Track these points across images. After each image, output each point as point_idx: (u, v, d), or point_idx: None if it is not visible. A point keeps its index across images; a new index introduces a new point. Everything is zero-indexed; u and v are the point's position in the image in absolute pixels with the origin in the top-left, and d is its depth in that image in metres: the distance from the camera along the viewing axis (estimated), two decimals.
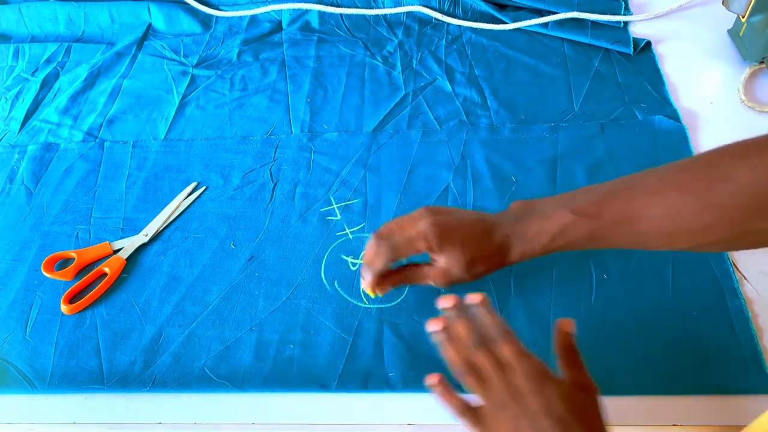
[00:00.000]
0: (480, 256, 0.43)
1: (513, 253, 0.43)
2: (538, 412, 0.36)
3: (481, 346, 0.40)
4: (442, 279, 0.45)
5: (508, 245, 0.43)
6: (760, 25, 0.61)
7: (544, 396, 0.36)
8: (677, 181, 0.39)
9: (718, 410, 0.43)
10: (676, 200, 0.38)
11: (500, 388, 0.38)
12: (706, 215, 0.37)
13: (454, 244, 0.43)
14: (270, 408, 0.46)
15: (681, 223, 0.38)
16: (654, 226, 0.39)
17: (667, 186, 0.39)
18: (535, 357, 0.39)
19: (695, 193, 0.37)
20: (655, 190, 0.39)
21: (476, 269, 0.44)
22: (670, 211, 0.38)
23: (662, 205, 0.38)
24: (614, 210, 0.40)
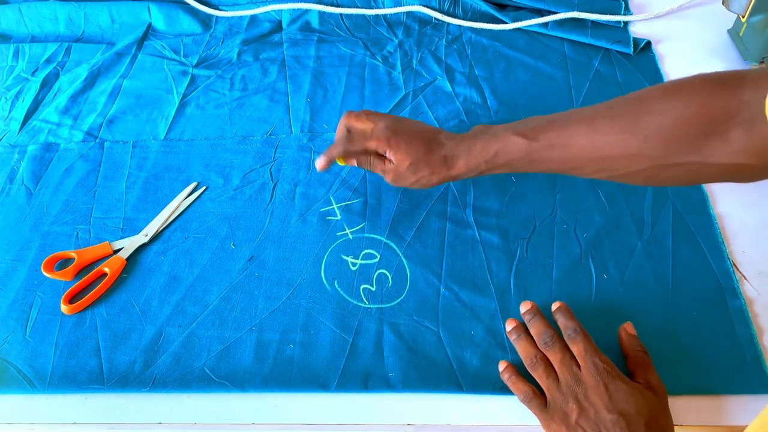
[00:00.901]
0: (423, 161, 0.48)
1: (458, 164, 0.48)
2: (601, 406, 0.39)
3: (554, 343, 0.44)
4: (390, 174, 0.50)
5: (455, 156, 0.48)
6: (760, 25, 0.61)
7: (608, 392, 0.39)
8: (608, 111, 0.42)
9: (718, 410, 0.43)
10: (603, 128, 0.41)
11: (566, 381, 0.41)
12: (631, 143, 0.40)
13: (399, 145, 0.48)
14: (270, 408, 0.46)
15: (607, 149, 0.41)
16: (583, 152, 0.42)
17: (598, 115, 0.42)
18: (605, 356, 0.42)
19: (623, 122, 0.40)
20: (588, 119, 0.43)
21: (421, 172, 0.48)
22: (598, 138, 0.41)
23: (592, 131, 0.42)
24: (550, 134, 0.44)
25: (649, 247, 0.51)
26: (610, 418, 0.38)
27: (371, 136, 0.49)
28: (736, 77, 0.37)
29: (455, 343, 0.47)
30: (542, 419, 0.42)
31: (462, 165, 0.47)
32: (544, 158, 0.44)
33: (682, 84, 0.39)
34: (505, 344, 0.47)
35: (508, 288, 0.50)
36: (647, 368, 0.43)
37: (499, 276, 0.51)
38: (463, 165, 0.47)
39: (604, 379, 0.40)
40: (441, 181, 0.49)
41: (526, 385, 0.43)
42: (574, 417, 0.39)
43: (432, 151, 0.48)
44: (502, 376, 0.45)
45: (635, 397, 0.39)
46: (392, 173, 0.50)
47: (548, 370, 0.43)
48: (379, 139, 0.48)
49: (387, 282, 0.52)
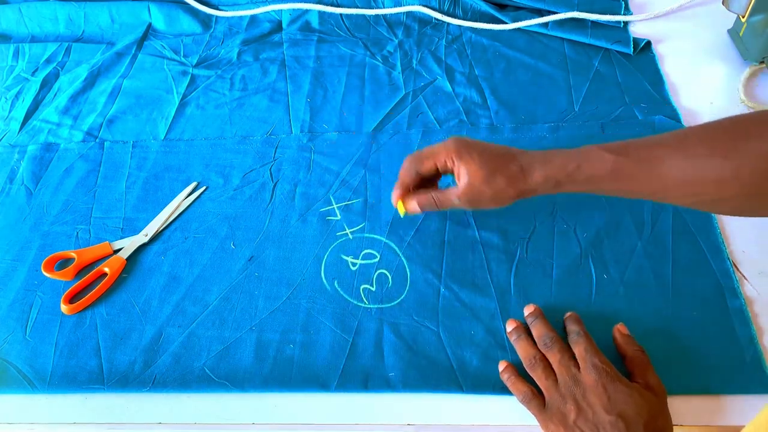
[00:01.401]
0: (499, 171, 0.45)
1: (536, 175, 0.44)
2: (600, 407, 0.39)
3: (553, 344, 0.44)
4: (465, 195, 0.46)
5: (532, 167, 0.45)
6: (760, 25, 0.61)
7: (607, 393, 0.39)
8: (702, 135, 0.40)
9: (718, 410, 0.43)
10: (698, 149, 0.39)
11: (565, 382, 0.41)
12: (725, 167, 0.38)
13: (472, 156, 0.45)
14: (270, 408, 0.46)
15: (700, 171, 0.39)
16: (674, 172, 0.40)
17: (691, 137, 0.40)
18: (604, 357, 0.42)
19: (717, 145, 0.38)
20: (680, 140, 0.41)
21: (497, 185, 0.45)
22: (691, 159, 0.39)
23: (684, 152, 0.40)
24: (639, 151, 0.42)
25: (649, 247, 0.51)
26: (609, 420, 0.38)
27: (439, 151, 0.46)
28: None
29: (455, 343, 0.47)
30: (541, 420, 0.42)
31: (539, 176, 0.44)
32: (631, 176, 0.42)
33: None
34: (505, 344, 0.47)
35: (508, 288, 0.50)
36: (646, 368, 0.43)
37: (499, 276, 0.51)
38: (541, 176, 0.44)
39: (603, 380, 0.40)
40: (518, 196, 0.46)
41: (525, 386, 0.43)
42: (572, 418, 0.39)
43: (507, 161, 0.45)
44: (502, 376, 0.45)
45: (634, 398, 0.39)
46: (466, 191, 0.46)
47: (547, 371, 0.43)
48: (449, 151, 0.46)
49: (387, 282, 0.52)
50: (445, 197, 0.48)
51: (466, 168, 0.45)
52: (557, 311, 0.48)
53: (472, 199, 0.46)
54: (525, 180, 0.45)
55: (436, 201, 0.48)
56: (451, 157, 0.46)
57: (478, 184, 0.45)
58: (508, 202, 0.46)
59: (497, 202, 0.46)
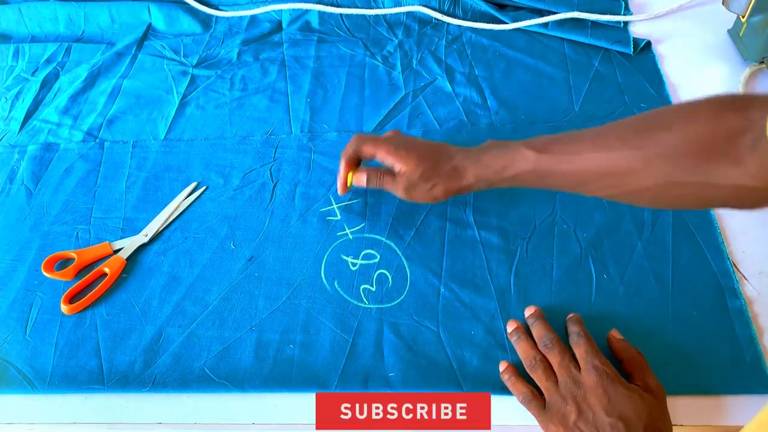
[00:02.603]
0: (433, 170, 0.48)
1: (468, 175, 0.47)
2: (600, 408, 0.39)
3: (554, 345, 0.44)
4: (401, 185, 0.50)
5: (465, 167, 0.47)
6: (760, 25, 0.61)
7: (607, 394, 0.39)
8: (616, 129, 0.42)
9: (718, 410, 0.43)
10: (614, 143, 0.41)
11: (565, 383, 0.41)
12: (637, 159, 0.39)
13: (409, 153, 0.48)
14: (270, 408, 0.46)
15: (613, 164, 0.40)
16: (589, 166, 0.42)
17: (610, 131, 0.42)
18: (605, 359, 0.42)
19: (630, 138, 0.40)
20: (596, 134, 0.42)
21: (432, 181, 0.48)
22: (608, 153, 0.41)
23: (599, 145, 0.41)
24: (560, 147, 0.44)
25: (649, 247, 0.51)
26: (609, 422, 0.38)
27: (380, 146, 0.50)
28: (746, 98, 0.36)
29: (455, 343, 0.47)
30: (541, 421, 0.42)
31: (471, 176, 0.47)
32: (552, 171, 0.44)
33: (692, 105, 0.39)
34: (505, 344, 0.47)
35: (508, 288, 0.50)
36: (644, 370, 0.43)
37: (499, 276, 0.51)
38: (473, 176, 0.47)
39: (604, 382, 0.40)
40: (451, 193, 0.49)
41: (525, 387, 0.43)
42: (572, 419, 0.39)
43: (442, 161, 0.48)
44: (502, 377, 0.45)
45: (634, 400, 0.39)
46: (403, 184, 0.49)
47: (547, 372, 0.43)
48: (389, 148, 0.49)
49: (387, 282, 0.52)
50: (386, 179, 0.51)
51: (404, 164, 0.48)
52: (557, 311, 0.48)
53: (409, 190, 0.50)
54: (458, 180, 0.48)
55: (381, 179, 0.51)
56: (390, 153, 0.49)
57: (414, 180, 0.48)
58: (441, 198, 0.49)
59: (432, 198, 0.49)
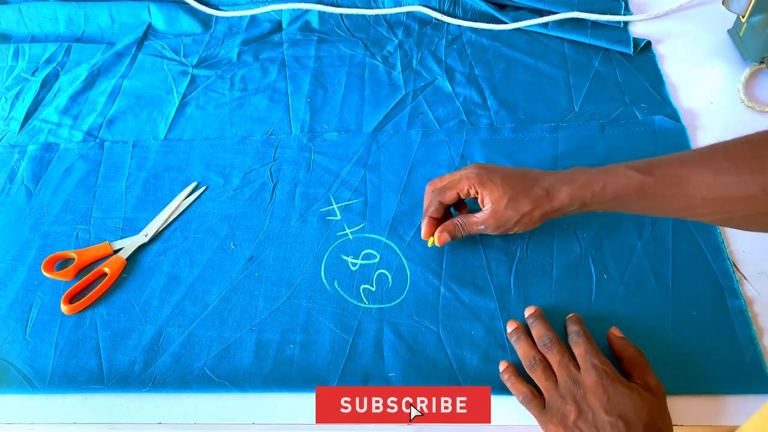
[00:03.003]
0: (523, 194, 0.45)
1: (562, 196, 0.44)
2: (600, 408, 0.39)
3: (553, 345, 0.44)
4: (492, 220, 0.46)
5: (557, 188, 0.44)
6: (760, 25, 0.61)
7: (607, 394, 0.39)
8: (727, 151, 0.39)
9: (718, 410, 0.43)
10: (725, 165, 0.39)
11: (565, 383, 0.41)
12: (753, 183, 0.37)
13: (494, 181, 0.45)
14: (270, 408, 0.46)
15: (727, 188, 0.38)
16: (701, 190, 0.39)
17: (718, 153, 0.40)
18: (605, 358, 0.42)
19: (744, 161, 0.38)
20: (706, 157, 0.40)
21: (522, 208, 0.45)
22: (719, 176, 0.39)
23: (712, 169, 0.39)
24: (665, 170, 0.41)
25: (649, 247, 0.51)
26: (609, 421, 0.38)
27: (460, 180, 0.47)
28: None
29: (455, 343, 0.47)
30: (540, 421, 0.42)
31: (565, 197, 0.44)
32: (658, 195, 0.41)
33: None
34: (505, 344, 0.47)
35: (508, 288, 0.50)
36: (644, 369, 0.43)
37: (499, 276, 0.51)
38: (567, 197, 0.44)
39: (603, 381, 0.40)
40: (544, 217, 0.46)
41: (525, 386, 0.43)
42: (572, 418, 0.39)
43: (530, 184, 0.45)
44: (502, 377, 0.45)
45: (634, 399, 0.39)
46: (492, 218, 0.46)
47: (547, 372, 0.43)
48: (470, 179, 0.46)
49: (387, 282, 0.52)
50: (470, 223, 0.48)
51: (489, 195, 0.46)
52: (557, 311, 0.48)
53: (499, 224, 0.46)
54: (550, 202, 0.45)
55: (463, 227, 0.49)
56: (473, 185, 0.46)
57: (502, 210, 0.45)
58: (534, 225, 0.46)
59: (523, 226, 0.46)
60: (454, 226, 0.49)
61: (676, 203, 0.41)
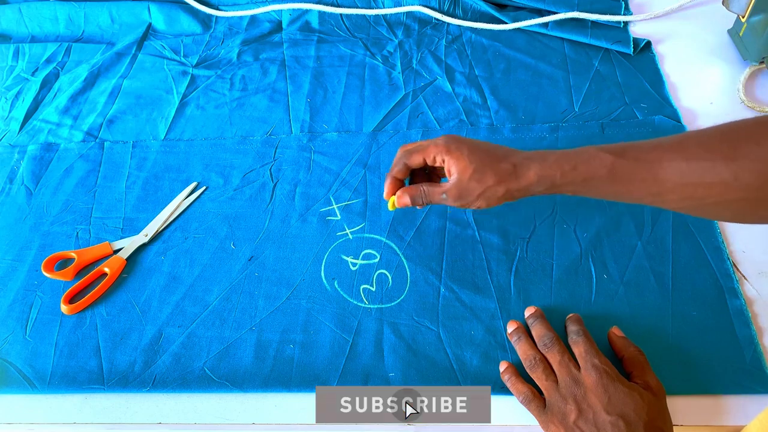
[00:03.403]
0: (489, 167, 0.43)
1: (530, 174, 0.43)
2: (600, 407, 0.39)
3: (553, 345, 0.44)
4: (454, 189, 0.44)
5: (525, 166, 0.43)
6: (760, 25, 0.61)
7: (607, 393, 0.39)
8: (702, 138, 0.39)
9: (718, 410, 0.43)
10: (698, 152, 0.38)
11: (565, 382, 0.41)
12: (727, 170, 0.37)
13: (461, 151, 0.44)
14: (270, 408, 0.46)
15: (701, 175, 0.38)
16: (673, 174, 0.39)
17: (691, 140, 0.39)
18: (605, 358, 0.42)
19: (718, 148, 0.37)
20: (679, 142, 0.40)
21: (486, 182, 0.43)
22: (691, 162, 0.38)
23: (684, 154, 0.39)
24: (638, 152, 0.40)
25: (649, 247, 0.51)
26: (609, 420, 0.38)
27: (429, 146, 0.46)
28: None
29: (455, 343, 0.47)
30: (541, 421, 0.42)
31: (533, 175, 0.42)
32: (629, 178, 0.41)
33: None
34: (505, 344, 0.47)
35: (508, 288, 0.50)
36: (644, 369, 0.43)
37: (499, 276, 0.51)
38: (534, 175, 0.42)
39: (603, 381, 0.40)
40: (508, 196, 0.44)
41: (525, 387, 0.43)
42: (572, 418, 0.39)
43: (498, 158, 0.43)
44: (502, 377, 0.45)
45: (634, 398, 0.39)
46: (455, 188, 0.44)
47: (547, 372, 0.43)
48: (438, 146, 0.45)
49: (387, 282, 0.52)
50: (433, 191, 0.46)
51: (455, 163, 0.44)
52: (557, 311, 0.48)
53: (460, 194, 0.45)
54: (517, 179, 0.43)
55: (425, 194, 0.47)
56: (440, 151, 0.45)
57: (466, 180, 0.44)
58: (497, 201, 0.44)
59: (486, 201, 0.44)
60: (416, 190, 0.47)
61: (646, 188, 0.41)
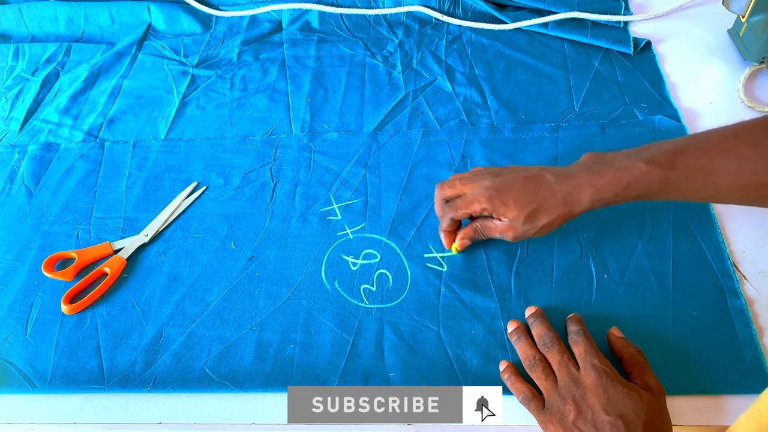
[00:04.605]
0: (538, 210, 0.44)
1: (582, 202, 0.44)
2: (599, 407, 0.39)
3: (553, 345, 0.44)
4: (509, 233, 0.47)
5: (576, 195, 0.44)
6: (760, 25, 0.61)
7: (606, 393, 0.39)
8: (751, 137, 0.39)
9: (718, 410, 0.43)
10: (748, 152, 0.38)
11: (564, 382, 0.41)
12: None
13: (507, 204, 0.45)
14: (270, 408, 0.46)
15: (753, 176, 0.39)
16: (727, 179, 0.39)
17: (741, 140, 0.40)
18: (604, 358, 0.42)
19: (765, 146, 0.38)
20: (730, 144, 0.40)
21: (539, 221, 0.45)
22: (743, 164, 0.39)
23: (736, 158, 0.39)
24: (689, 162, 0.41)
25: (649, 247, 0.51)
26: (608, 420, 0.38)
27: (472, 200, 0.46)
28: None
29: (455, 343, 0.47)
30: (540, 421, 0.42)
31: (586, 202, 0.44)
32: (683, 187, 0.41)
33: None
34: (505, 344, 0.47)
35: (508, 288, 0.50)
36: (644, 369, 0.43)
37: (499, 276, 0.51)
38: (588, 201, 0.44)
39: (603, 381, 0.40)
40: (565, 221, 0.46)
41: (524, 386, 0.43)
42: (571, 418, 0.39)
43: (546, 197, 0.44)
44: (502, 377, 0.45)
45: (633, 398, 0.39)
46: (510, 231, 0.46)
47: (546, 372, 0.43)
48: (481, 201, 0.46)
49: (387, 282, 0.52)
50: (489, 228, 0.48)
51: (503, 214, 0.45)
52: (557, 311, 0.48)
53: (516, 236, 0.47)
54: (570, 210, 0.44)
55: (483, 232, 0.49)
56: (485, 206, 0.46)
57: (520, 225, 0.45)
58: (555, 228, 0.46)
59: (543, 232, 0.46)
60: (473, 231, 0.49)
61: (701, 193, 0.42)
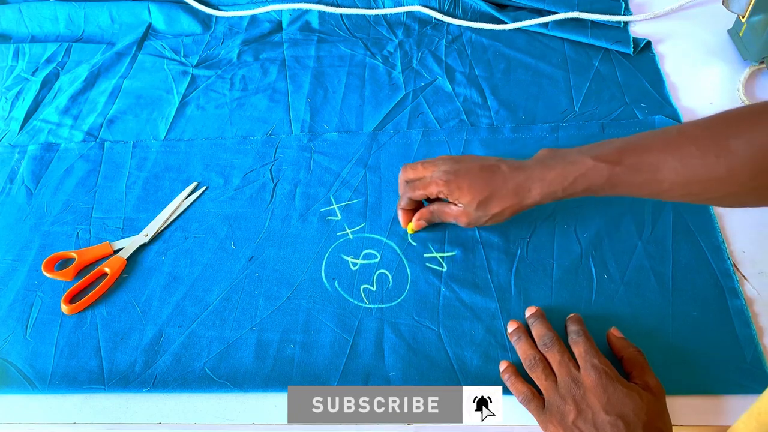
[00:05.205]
0: (491, 197, 0.46)
1: (532, 194, 0.45)
2: (599, 407, 0.39)
3: (553, 344, 0.44)
4: (462, 218, 0.48)
5: (527, 187, 0.45)
6: (760, 25, 0.61)
7: (606, 393, 0.39)
8: (695, 135, 0.40)
9: (718, 410, 0.43)
10: (692, 151, 0.39)
11: (564, 382, 0.41)
12: (720, 167, 0.38)
13: (461, 189, 0.47)
14: (270, 408, 0.46)
15: (696, 173, 0.39)
16: (670, 175, 0.40)
17: (684, 138, 0.41)
18: (604, 358, 0.42)
19: (711, 145, 0.39)
20: (674, 142, 0.41)
21: (491, 209, 0.47)
22: (686, 161, 0.40)
23: (679, 155, 0.40)
24: (634, 158, 0.42)
25: (649, 247, 0.51)
26: (608, 420, 0.38)
27: (430, 182, 0.48)
28: None
29: (455, 343, 0.47)
30: (540, 421, 0.42)
31: (536, 194, 0.45)
32: (627, 182, 0.43)
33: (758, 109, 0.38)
34: (505, 344, 0.47)
35: (508, 288, 0.50)
36: (644, 369, 0.43)
37: (499, 276, 0.51)
38: (538, 194, 0.45)
39: (603, 381, 0.40)
40: (515, 212, 0.47)
41: (524, 386, 0.43)
42: (571, 418, 0.39)
43: (499, 185, 0.46)
44: (502, 377, 0.45)
45: (633, 398, 0.39)
46: (463, 217, 0.48)
47: (546, 372, 0.43)
48: (438, 183, 0.47)
49: (387, 282, 0.52)
50: (444, 212, 0.50)
51: (459, 198, 0.47)
52: (557, 311, 0.48)
53: (469, 222, 0.48)
54: (520, 201, 0.46)
55: (438, 215, 0.51)
56: (440, 188, 0.47)
57: (473, 211, 0.47)
58: (505, 219, 0.48)
59: (494, 221, 0.48)
60: (429, 213, 0.51)
61: (645, 189, 0.43)
